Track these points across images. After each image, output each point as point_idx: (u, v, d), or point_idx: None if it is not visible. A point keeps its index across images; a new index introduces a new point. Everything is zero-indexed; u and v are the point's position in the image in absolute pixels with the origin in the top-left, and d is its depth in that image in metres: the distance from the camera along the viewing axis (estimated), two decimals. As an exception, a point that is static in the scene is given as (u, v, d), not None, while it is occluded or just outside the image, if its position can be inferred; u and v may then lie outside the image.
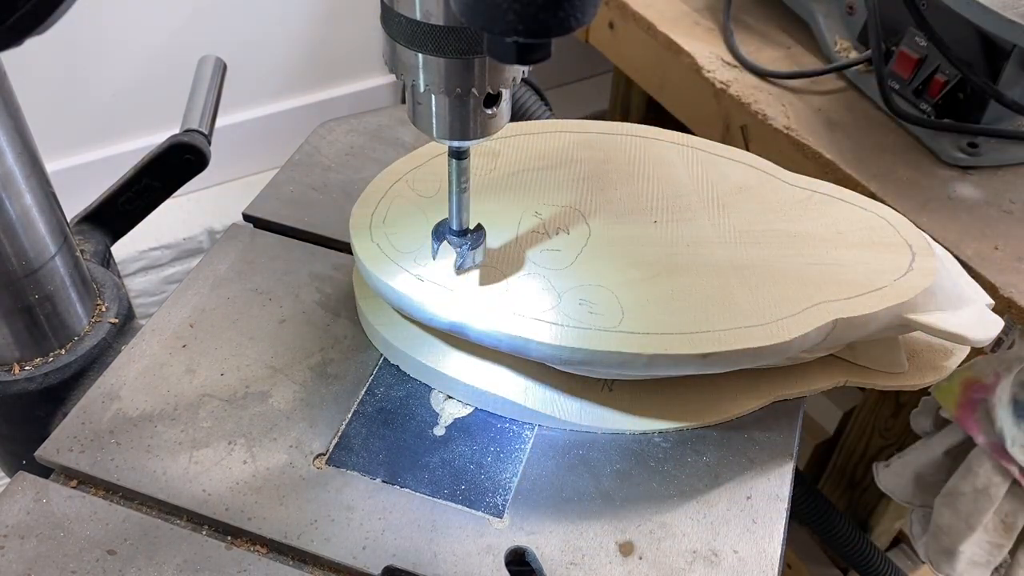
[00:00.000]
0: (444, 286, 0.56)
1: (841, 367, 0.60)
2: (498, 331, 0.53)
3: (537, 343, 0.52)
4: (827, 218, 0.61)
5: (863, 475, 1.17)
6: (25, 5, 0.41)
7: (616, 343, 0.52)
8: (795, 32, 1.03)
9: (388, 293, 0.57)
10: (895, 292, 0.55)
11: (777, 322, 0.53)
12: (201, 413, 0.57)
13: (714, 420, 0.57)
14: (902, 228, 0.60)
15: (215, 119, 0.78)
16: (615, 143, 0.66)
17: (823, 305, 0.54)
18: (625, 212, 0.61)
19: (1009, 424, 0.81)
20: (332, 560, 0.50)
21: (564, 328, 0.53)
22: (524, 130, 0.67)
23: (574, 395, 0.57)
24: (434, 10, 0.43)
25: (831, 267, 0.57)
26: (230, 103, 1.44)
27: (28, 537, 0.51)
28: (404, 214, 0.60)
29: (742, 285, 0.56)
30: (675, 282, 0.56)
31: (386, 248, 0.58)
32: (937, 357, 0.61)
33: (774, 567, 0.51)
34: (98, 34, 1.29)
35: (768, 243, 0.59)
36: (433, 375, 0.59)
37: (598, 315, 0.54)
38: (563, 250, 0.58)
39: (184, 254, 1.49)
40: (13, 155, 0.55)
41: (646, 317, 0.54)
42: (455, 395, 0.59)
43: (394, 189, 0.62)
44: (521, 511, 0.53)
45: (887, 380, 0.60)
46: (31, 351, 0.62)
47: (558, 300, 0.54)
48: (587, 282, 0.56)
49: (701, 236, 0.59)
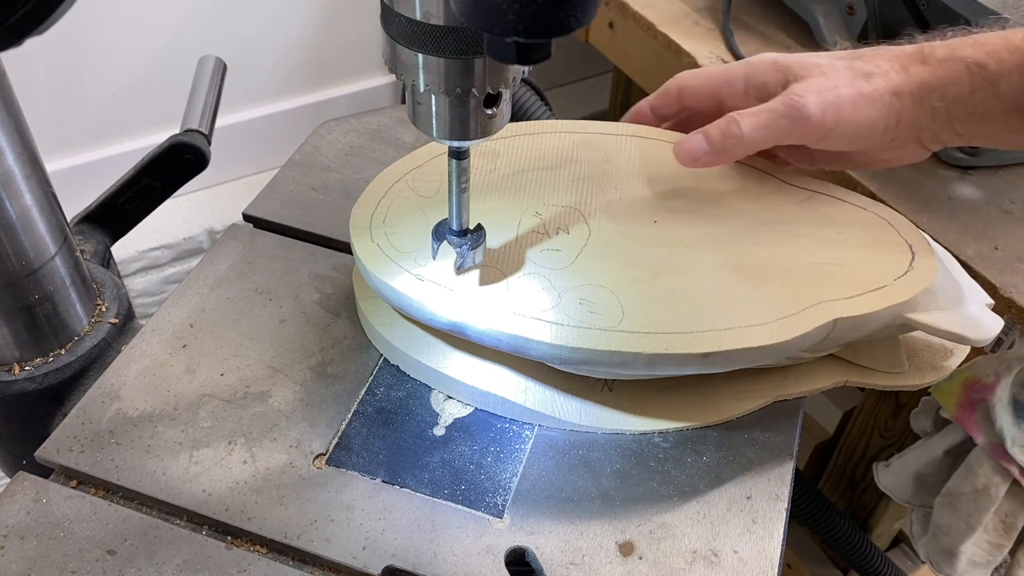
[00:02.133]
0: (444, 286, 0.56)
1: (841, 367, 0.60)
2: (498, 331, 0.53)
3: (537, 342, 0.53)
4: (827, 218, 0.61)
5: (863, 475, 1.17)
6: (25, 5, 0.41)
7: (616, 342, 0.52)
8: (795, 32, 1.03)
9: (388, 293, 0.57)
10: (895, 291, 0.55)
11: (777, 321, 0.53)
12: (201, 413, 0.57)
13: (714, 420, 0.57)
14: (902, 228, 0.60)
15: (215, 119, 0.78)
16: (615, 143, 0.66)
17: (823, 304, 0.54)
18: (625, 212, 0.61)
19: (1009, 424, 0.81)
20: (332, 560, 0.50)
21: (564, 327, 0.53)
22: (524, 130, 0.67)
23: (574, 395, 0.57)
24: (434, 10, 0.43)
25: (831, 267, 0.57)
26: (230, 103, 1.44)
27: (28, 537, 0.51)
28: (404, 214, 0.60)
29: (742, 284, 0.56)
30: (675, 282, 0.56)
31: (386, 248, 0.58)
32: (937, 357, 0.61)
33: (774, 567, 0.51)
34: (98, 34, 1.29)
35: (768, 243, 0.59)
36: (433, 375, 0.59)
37: (598, 314, 0.54)
38: (563, 250, 0.58)
39: (184, 254, 1.49)
40: (13, 155, 0.55)
41: (646, 316, 0.54)
42: (455, 395, 0.59)
43: (394, 189, 0.62)
44: (521, 511, 0.53)
45: (887, 380, 0.60)
46: (31, 351, 0.62)
47: (558, 300, 0.54)
48: (587, 282, 0.56)
49: (701, 236, 0.59)
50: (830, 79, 0.57)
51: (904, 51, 0.59)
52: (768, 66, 0.61)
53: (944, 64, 0.57)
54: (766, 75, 0.60)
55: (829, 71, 0.58)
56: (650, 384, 0.58)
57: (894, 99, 0.57)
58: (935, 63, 0.57)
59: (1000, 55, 0.56)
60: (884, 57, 0.59)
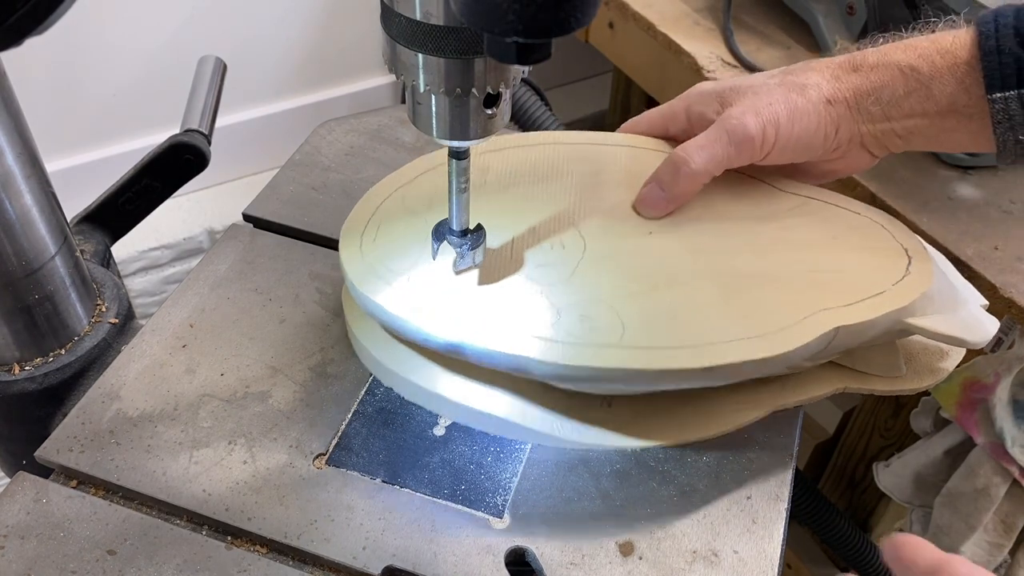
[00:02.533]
0: (440, 306, 0.54)
1: (839, 373, 0.60)
2: (497, 351, 0.52)
3: (538, 362, 0.51)
4: (822, 224, 0.60)
5: (863, 475, 1.17)
6: (24, 5, 0.41)
7: (618, 359, 0.51)
8: (795, 32, 1.03)
9: (381, 315, 0.55)
10: (894, 297, 0.55)
11: (779, 332, 0.53)
12: (201, 413, 0.57)
13: (715, 433, 0.57)
14: (897, 232, 0.60)
15: (215, 119, 0.78)
16: (607, 154, 0.65)
17: (823, 313, 0.54)
18: (620, 224, 0.60)
19: (1009, 424, 0.81)
20: (332, 560, 0.50)
21: (565, 345, 0.52)
22: (513, 143, 0.66)
23: (574, 413, 0.56)
24: (434, 10, 0.43)
25: (829, 273, 0.57)
26: (230, 103, 1.44)
27: (28, 537, 0.51)
28: (395, 234, 0.59)
29: (741, 294, 0.55)
30: (674, 294, 0.55)
31: (378, 268, 0.56)
32: (934, 359, 0.61)
33: (774, 567, 0.51)
34: (98, 34, 1.29)
35: (765, 251, 0.58)
36: (425, 395, 0.58)
37: (599, 331, 0.53)
38: (559, 264, 0.57)
39: (184, 254, 1.49)
40: (13, 155, 0.55)
41: (647, 331, 0.53)
42: (449, 416, 0.58)
43: (384, 207, 0.61)
44: (521, 511, 0.53)
45: (885, 385, 0.60)
46: (31, 351, 0.62)
47: (557, 317, 0.53)
48: (586, 297, 0.55)
49: (697, 246, 0.58)
50: (763, 98, 0.59)
51: (835, 61, 0.60)
52: (705, 95, 0.63)
53: (876, 69, 0.58)
54: (704, 104, 0.62)
55: (762, 90, 0.59)
56: (650, 399, 0.57)
57: (829, 107, 0.58)
58: (867, 69, 0.58)
59: (932, 58, 0.57)
60: (815, 69, 0.60)
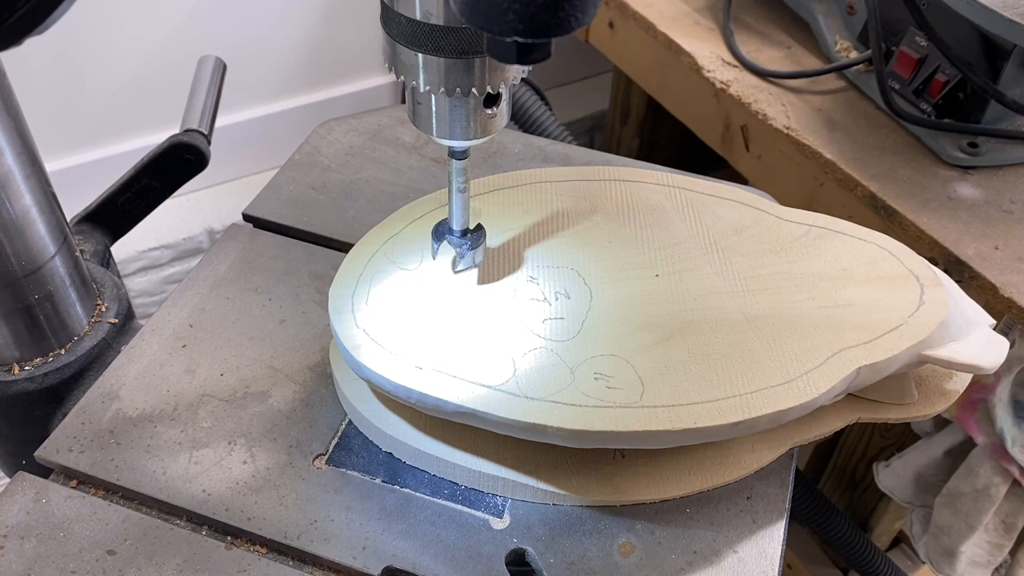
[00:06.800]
0: (445, 372, 0.51)
1: (853, 405, 0.58)
2: (512, 418, 0.49)
3: (556, 429, 0.48)
4: (829, 254, 0.59)
5: (863, 475, 1.17)
6: (25, 5, 0.41)
7: (641, 420, 0.48)
8: (795, 32, 1.03)
9: (383, 384, 0.51)
10: (912, 330, 0.53)
11: (802, 377, 0.51)
12: (201, 413, 0.57)
13: (734, 477, 0.55)
14: (905, 258, 0.58)
15: (215, 119, 0.78)
16: (600, 190, 0.63)
17: (844, 353, 0.52)
18: (624, 267, 0.58)
19: (1009, 424, 0.81)
20: (332, 560, 0.50)
21: (584, 409, 0.49)
22: (500, 184, 0.63)
23: (583, 469, 0.54)
24: (434, 10, 0.43)
25: (843, 308, 0.55)
26: (230, 103, 1.44)
27: (28, 537, 0.51)
28: (389, 293, 0.55)
29: (758, 338, 0.53)
30: (689, 342, 0.53)
31: (375, 335, 0.53)
32: (942, 380, 0.60)
33: (774, 567, 0.51)
34: (98, 34, 1.29)
35: (775, 288, 0.56)
36: (422, 457, 0.55)
37: (617, 389, 0.50)
38: (567, 318, 0.54)
39: (184, 254, 1.49)
40: (13, 155, 0.55)
41: (667, 386, 0.50)
42: (448, 477, 0.54)
43: (373, 263, 0.58)
44: (521, 511, 0.53)
45: (899, 412, 0.58)
46: (31, 351, 0.62)
47: (571, 377, 0.51)
48: (598, 352, 0.52)
49: (706, 287, 0.56)
50: None
51: None
52: None
53: None
54: None
55: None
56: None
57: None
58: None
59: None
60: None
